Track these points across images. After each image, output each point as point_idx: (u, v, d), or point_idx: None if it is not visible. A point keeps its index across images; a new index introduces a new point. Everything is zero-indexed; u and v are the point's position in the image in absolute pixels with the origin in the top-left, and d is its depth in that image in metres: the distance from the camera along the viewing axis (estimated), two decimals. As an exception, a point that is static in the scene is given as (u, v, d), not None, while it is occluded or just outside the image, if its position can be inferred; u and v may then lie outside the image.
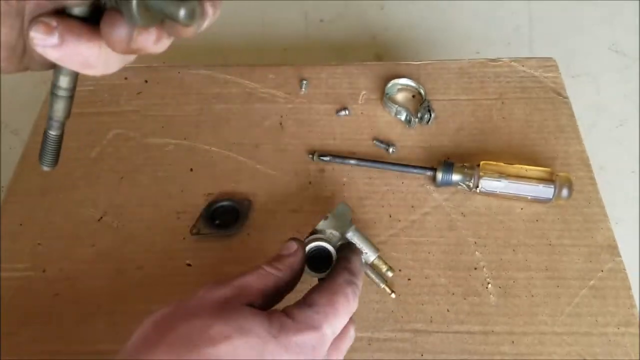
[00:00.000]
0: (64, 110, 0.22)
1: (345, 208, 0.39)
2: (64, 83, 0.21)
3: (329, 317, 0.26)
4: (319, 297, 0.27)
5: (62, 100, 0.22)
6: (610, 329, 0.38)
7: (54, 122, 0.22)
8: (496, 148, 0.48)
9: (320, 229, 0.38)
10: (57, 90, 0.21)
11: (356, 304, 0.28)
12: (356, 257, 0.32)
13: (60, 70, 0.21)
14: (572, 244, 0.42)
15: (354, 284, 0.29)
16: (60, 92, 0.21)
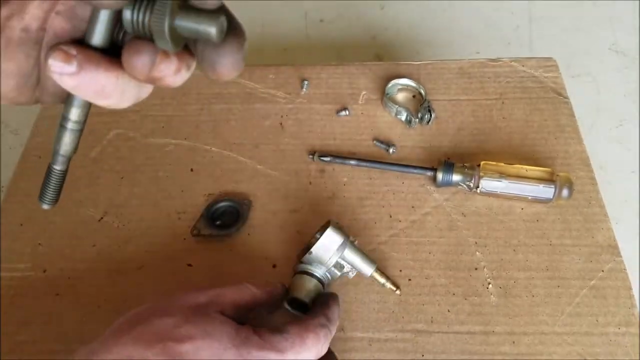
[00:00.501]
0: (72, 144, 0.21)
1: (333, 235, 0.35)
2: (75, 115, 0.20)
3: (295, 346, 0.27)
4: (291, 327, 0.28)
5: (72, 133, 0.21)
6: (610, 329, 0.38)
7: (60, 156, 0.21)
8: (496, 148, 0.48)
9: (306, 261, 0.35)
10: (66, 122, 0.20)
11: (325, 349, 0.29)
12: (335, 306, 0.33)
13: (72, 102, 0.20)
14: (572, 244, 0.42)
15: (327, 328, 0.30)
16: (70, 125, 0.20)
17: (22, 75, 0.19)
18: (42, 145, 0.50)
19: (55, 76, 0.18)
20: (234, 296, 0.29)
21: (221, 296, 0.28)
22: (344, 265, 0.37)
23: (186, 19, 0.17)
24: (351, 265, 0.38)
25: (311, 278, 0.35)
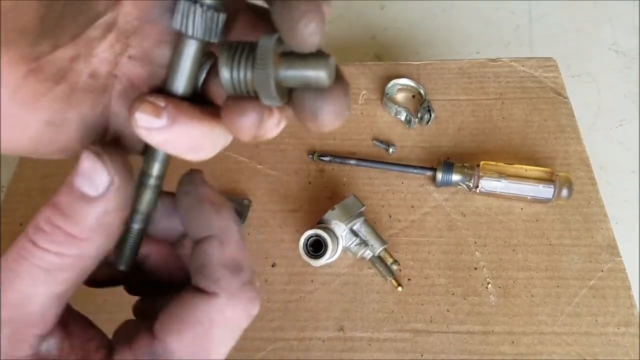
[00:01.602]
0: (152, 201, 0.18)
1: (355, 201, 0.40)
2: (157, 170, 0.18)
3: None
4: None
5: (152, 190, 0.18)
6: (610, 328, 0.38)
7: (140, 214, 0.18)
8: (496, 148, 0.48)
9: (326, 219, 0.39)
10: (148, 179, 0.18)
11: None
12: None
13: (155, 157, 0.18)
14: (572, 244, 0.42)
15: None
16: (152, 181, 0.18)
17: (87, 128, 0.17)
18: (42, 145, 0.50)
19: (141, 132, 0.15)
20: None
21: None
22: (358, 235, 0.39)
23: (291, 67, 0.15)
24: (365, 237, 0.40)
25: (323, 232, 0.38)
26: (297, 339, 0.38)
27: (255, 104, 0.16)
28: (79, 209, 0.15)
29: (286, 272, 0.41)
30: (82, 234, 0.15)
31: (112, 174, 0.15)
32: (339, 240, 0.39)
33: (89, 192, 0.15)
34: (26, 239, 0.15)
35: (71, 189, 0.15)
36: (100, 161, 0.15)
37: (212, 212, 0.17)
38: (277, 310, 0.39)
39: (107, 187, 0.15)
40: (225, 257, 0.17)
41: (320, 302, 0.40)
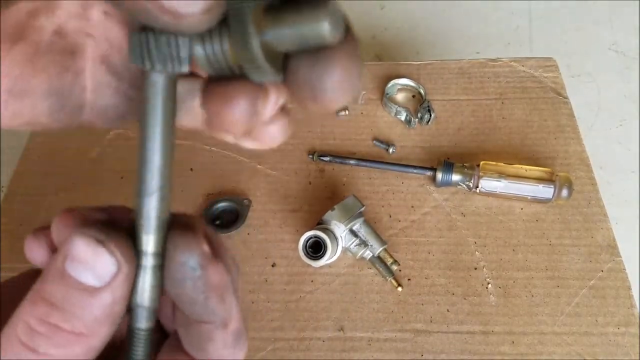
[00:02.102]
0: (157, 289, 0.14)
1: (354, 201, 0.40)
2: (153, 245, 0.14)
3: None
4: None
5: (154, 273, 0.14)
6: (610, 328, 0.38)
7: (142, 309, 0.14)
8: (496, 148, 0.48)
9: (326, 220, 0.39)
10: (144, 258, 0.14)
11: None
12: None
13: (148, 228, 0.14)
14: (572, 243, 0.42)
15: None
16: (150, 261, 0.14)
17: (57, 98, 0.14)
18: (43, 145, 0.50)
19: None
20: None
21: None
22: (358, 235, 0.39)
23: (280, 23, 0.11)
24: (365, 237, 0.40)
25: (322, 233, 0.37)
26: (297, 339, 0.38)
27: (243, 85, 0.12)
28: (80, 302, 0.13)
29: (286, 272, 0.41)
30: (87, 329, 0.13)
31: (120, 261, 0.13)
32: (339, 240, 0.39)
33: (92, 283, 0.13)
34: (21, 345, 0.13)
35: (65, 278, 0.13)
36: (104, 248, 0.13)
37: (218, 302, 0.14)
38: (277, 310, 0.39)
39: (113, 276, 0.13)
40: (228, 334, 0.15)
41: (320, 302, 0.40)
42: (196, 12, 0.11)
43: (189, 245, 0.14)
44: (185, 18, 0.11)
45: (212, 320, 0.14)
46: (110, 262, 0.13)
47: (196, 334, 0.15)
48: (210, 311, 0.14)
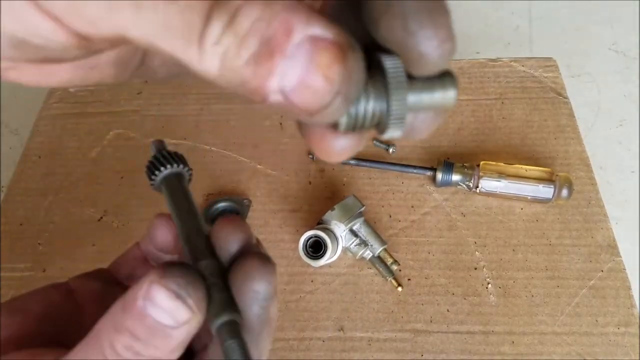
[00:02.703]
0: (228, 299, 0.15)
1: (354, 201, 0.40)
2: (211, 267, 0.15)
3: None
4: None
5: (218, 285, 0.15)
6: (610, 329, 0.38)
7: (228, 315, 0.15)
8: (496, 148, 0.48)
9: (326, 220, 0.39)
10: (209, 275, 0.15)
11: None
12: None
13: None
14: (572, 243, 0.42)
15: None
16: (213, 278, 0.15)
17: (122, 64, 0.15)
18: (43, 145, 0.50)
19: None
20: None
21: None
22: (358, 235, 0.39)
23: (419, 92, 0.13)
24: (365, 237, 0.40)
25: (322, 233, 0.38)
26: (297, 339, 0.38)
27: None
28: (158, 338, 0.14)
29: (286, 272, 0.41)
30: (165, 355, 0.14)
31: (195, 312, 0.14)
32: (339, 240, 0.39)
33: (169, 324, 0.14)
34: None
35: (147, 318, 0.14)
36: (182, 303, 0.14)
37: (268, 342, 0.16)
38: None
39: (187, 320, 0.14)
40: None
41: (320, 302, 0.40)
42: (324, 104, 0.11)
43: (267, 275, 0.15)
44: (319, 113, 0.11)
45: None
46: (186, 312, 0.14)
47: None
48: (257, 351, 0.15)
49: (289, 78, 0.11)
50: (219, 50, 0.10)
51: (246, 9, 0.10)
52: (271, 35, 0.10)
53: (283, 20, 0.10)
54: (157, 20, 0.10)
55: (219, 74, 0.11)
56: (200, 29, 0.10)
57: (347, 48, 0.11)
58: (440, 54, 0.11)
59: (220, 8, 0.10)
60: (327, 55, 0.10)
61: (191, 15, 0.10)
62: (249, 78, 0.11)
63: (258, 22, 0.10)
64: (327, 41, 0.11)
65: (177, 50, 0.11)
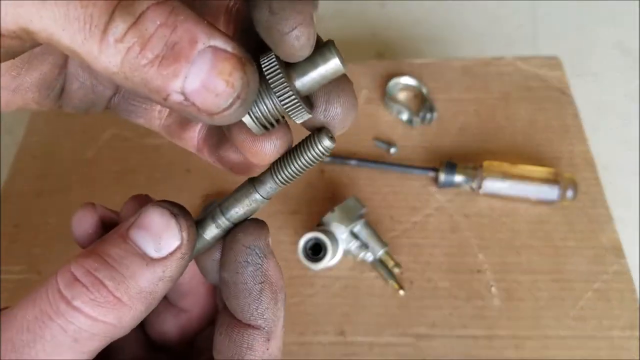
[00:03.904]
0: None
1: (355, 202, 0.40)
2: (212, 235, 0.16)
3: None
4: None
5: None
6: (615, 332, 0.37)
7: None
8: (500, 148, 0.47)
9: (326, 221, 0.39)
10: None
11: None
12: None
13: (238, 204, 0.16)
14: (576, 245, 0.41)
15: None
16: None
17: (45, 87, 0.16)
18: (37, 145, 0.49)
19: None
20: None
21: None
22: (359, 237, 0.39)
23: (304, 73, 0.14)
24: (365, 240, 0.39)
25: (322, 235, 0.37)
26: (297, 344, 0.37)
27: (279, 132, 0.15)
28: (133, 267, 0.13)
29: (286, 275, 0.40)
30: (127, 299, 0.13)
31: (183, 238, 0.14)
32: (339, 243, 0.39)
33: (150, 253, 0.13)
34: (56, 292, 0.13)
35: (127, 242, 0.14)
36: (175, 222, 0.14)
37: (272, 303, 0.15)
38: (276, 314, 0.39)
39: (172, 252, 0.14)
40: (268, 354, 0.15)
41: (321, 305, 0.39)
42: (226, 107, 0.12)
43: (258, 233, 0.15)
44: (219, 115, 0.12)
45: (259, 325, 0.15)
46: (175, 237, 0.14)
47: (237, 340, 0.15)
48: (260, 312, 0.15)
49: (191, 81, 0.12)
50: (122, 47, 0.11)
51: (151, 14, 0.11)
52: (176, 41, 0.12)
53: (187, 29, 0.12)
54: (59, 12, 0.11)
55: (118, 71, 0.12)
56: (102, 25, 0.11)
57: (245, 60, 0.12)
58: (300, 44, 0.13)
59: (124, 8, 0.11)
60: (228, 64, 0.12)
61: (93, 10, 0.11)
62: (152, 77, 0.12)
63: (162, 28, 0.11)
64: (228, 52, 0.12)
65: (76, 42, 0.11)
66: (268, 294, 0.15)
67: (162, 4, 0.12)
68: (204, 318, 0.19)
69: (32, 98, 0.16)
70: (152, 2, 0.12)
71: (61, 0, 0.11)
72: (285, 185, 0.15)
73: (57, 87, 0.16)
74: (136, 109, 0.18)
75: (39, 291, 0.13)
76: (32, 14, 0.11)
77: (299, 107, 0.14)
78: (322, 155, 0.15)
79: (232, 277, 0.15)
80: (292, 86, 0.14)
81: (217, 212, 0.16)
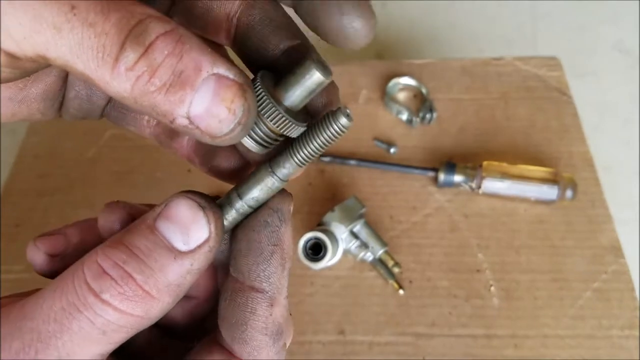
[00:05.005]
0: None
1: (355, 202, 0.40)
2: (253, 200, 0.16)
3: None
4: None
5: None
6: (614, 331, 0.37)
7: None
8: (499, 148, 0.47)
9: (326, 221, 0.39)
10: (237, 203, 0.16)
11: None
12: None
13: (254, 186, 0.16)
14: (575, 245, 0.41)
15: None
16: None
17: (50, 98, 0.17)
18: (38, 145, 0.49)
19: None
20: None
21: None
22: (359, 237, 0.39)
23: (290, 90, 0.15)
24: (365, 239, 0.39)
25: (322, 234, 0.37)
26: (297, 343, 0.38)
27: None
28: (161, 260, 0.13)
29: (286, 274, 0.41)
30: (156, 292, 0.13)
31: (212, 231, 0.14)
32: (339, 242, 0.39)
33: (178, 246, 0.13)
34: (83, 284, 0.13)
35: (154, 235, 0.13)
36: (204, 214, 0.14)
37: (279, 268, 0.15)
38: (276, 313, 0.39)
39: (200, 245, 0.14)
40: (271, 321, 0.15)
41: (321, 305, 0.39)
42: (223, 133, 0.13)
43: (283, 198, 0.16)
44: (221, 138, 0.13)
45: (263, 288, 0.15)
46: (204, 229, 0.14)
47: (241, 304, 0.15)
48: (267, 274, 0.15)
49: (195, 107, 0.13)
50: (132, 75, 0.12)
51: (160, 44, 0.12)
52: (182, 69, 0.12)
53: (193, 58, 0.13)
54: (74, 41, 0.12)
55: (129, 96, 0.13)
56: (114, 54, 0.12)
57: (246, 86, 0.13)
58: (364, 33, 0.14)
59: (135, 38, 0.12)
60: (230, 92, 0.13)
61: (106, 40, 0.12)
62: (159, 103, 0.13)
63: (170, 57, 0.12)
64: (230, 80, 0.13)
65: (90, 69, 0.12)
66: (278, 258, 0.15)
67: (169, 34, 0.12)
68: (212, 301, 0.19)
69: (37, 108, 0.16)
70: (161, 31, 0.12)
71: (76, 30, 0.12)
72: (302, 166, 0.16)
73: (60, 97, 0.17)
74: (126, 118, 0.19)
75: (64, 281, 0.13)
76: (48, 42, 0.12)
77: (292, 125, 0.15)
78: (340, 134, 0.15)
79: (247, 235, 0.15)
80: (281, 107, 0.15)
81: (235, 196, 0.16)
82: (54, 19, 0.12)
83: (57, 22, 0.12)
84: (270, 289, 0.15)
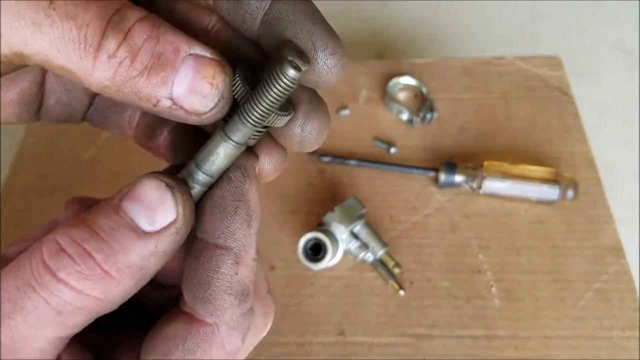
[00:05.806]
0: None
1: (355, 202, 0.40)
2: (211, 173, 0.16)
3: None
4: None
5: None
6: (615, 332, 0.37)
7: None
8: (500, 148, 0.47)
9: (326, 221, 0.39)
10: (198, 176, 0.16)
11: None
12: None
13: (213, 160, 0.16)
14: (576, 246, 0.41)
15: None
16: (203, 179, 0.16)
17: (25, 103, 0.16)
18: (37, 145, 0.49)
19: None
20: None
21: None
22: (359, 237, 0.39)
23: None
24: (366, 240, 0.39)
25: (323, 235, 0.37)
26: (297, 344, 0.37)
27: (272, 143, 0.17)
28: (124, 240, 0.13)
29: (285, 275, 0.40)
30: (116, 272, 0.12)
31: (179, 213, 0.13)
32: (339, 243, 0.39)
33: (143, 226, 0.13)
34: (40, 263, 0.12)
35: (119, 214, 0.13)
36: (172, 195, 0.13)
37: (244, 224, 0.15)
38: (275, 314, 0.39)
39: (166, 226, 0.13)
40: (236, 280, 0.14)
41: (320, 305, 0.39)
42: (208, 109, 0.13)
43: (247, 155, 0.16)
44: (206, 114, 0.13)
45: (227, 245, 0.14)
46: (171, 211, 0.13)
47: (205, 263, 0.14)
48: (231, 231, 0.14)
49: (178, 87, 0.13)
50: (114, 62, 0.12)
51: (138, 29, 0.13)
52: (161, 51, 0.13)
53: (170, 40, 0.13)
54: (55, 36, 0.12)
55: (110, 84, 0.13)
56: (96, 44, 0.12)
57: (223, 62, 0.13)
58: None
59: (115, 26, 0.12)
60: (210, 68, 0.13)
61: (87, 31, 0.12)
62: (142, 87, 0.13)
63: (148, 41, 0.13)
64: (208, 58, 0.13)
65: (72, 62, 0.12)
66: (242, 214, 0.15)
67: (145, 19, 0.13)
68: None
69: (12, 113, 0.16)
70: (137, 17, 0.13)
71: (56, 25, 0.12)
72: (257, 126, 0.15)
73: (36, 102, 0.17)
74: (108, 121, 0.19)
75: (22, 260, 0.13)
76: (27, 38, 0.12)
77: (275, 116, 0.15)
78: (290, 88, 0.14)
79: (210, 194, 0.15)
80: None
81: (193, 168, 0.15)
82: (32, 16, 0.12)
83: (36, 18, 0.12)
84: (235, 246, 0.14)
